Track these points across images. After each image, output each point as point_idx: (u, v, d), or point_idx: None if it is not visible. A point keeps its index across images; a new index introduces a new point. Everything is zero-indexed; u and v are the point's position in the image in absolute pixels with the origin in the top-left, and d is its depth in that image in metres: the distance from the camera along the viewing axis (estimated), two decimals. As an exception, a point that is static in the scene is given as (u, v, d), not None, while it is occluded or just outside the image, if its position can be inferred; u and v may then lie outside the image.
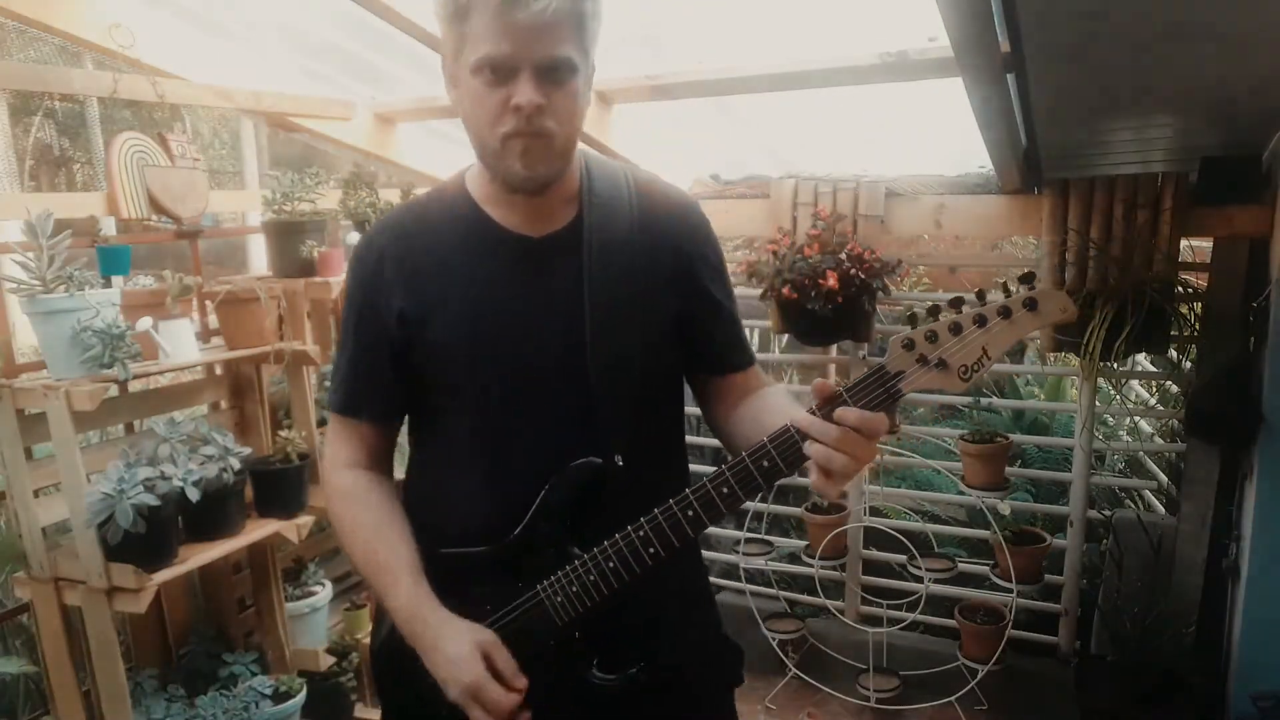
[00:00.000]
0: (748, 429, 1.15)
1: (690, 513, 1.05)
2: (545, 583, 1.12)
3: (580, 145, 1.17)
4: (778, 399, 1.20)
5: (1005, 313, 0.93)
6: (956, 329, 0.94)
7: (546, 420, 1.13)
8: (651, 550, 1.06)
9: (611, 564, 1.08)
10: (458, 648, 1.08)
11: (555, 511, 1.13)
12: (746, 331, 1.45)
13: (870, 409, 0.96)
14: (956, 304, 0.96)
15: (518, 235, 1.15)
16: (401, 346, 1.15)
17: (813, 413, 0.98)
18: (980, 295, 0.95)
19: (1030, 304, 0.92)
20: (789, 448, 0.99)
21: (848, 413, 0.94)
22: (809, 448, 0.96)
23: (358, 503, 1.21)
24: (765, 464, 1.00)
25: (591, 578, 1.09)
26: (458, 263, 1.14)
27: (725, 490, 1.03)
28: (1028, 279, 0.94)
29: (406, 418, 1.27)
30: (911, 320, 0.97)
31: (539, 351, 1.13)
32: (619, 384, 1.12)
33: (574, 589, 1.10)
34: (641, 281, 1.14)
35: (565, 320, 1.12)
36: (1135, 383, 3.38)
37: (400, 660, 1.18)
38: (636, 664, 1.13)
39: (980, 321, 0.94)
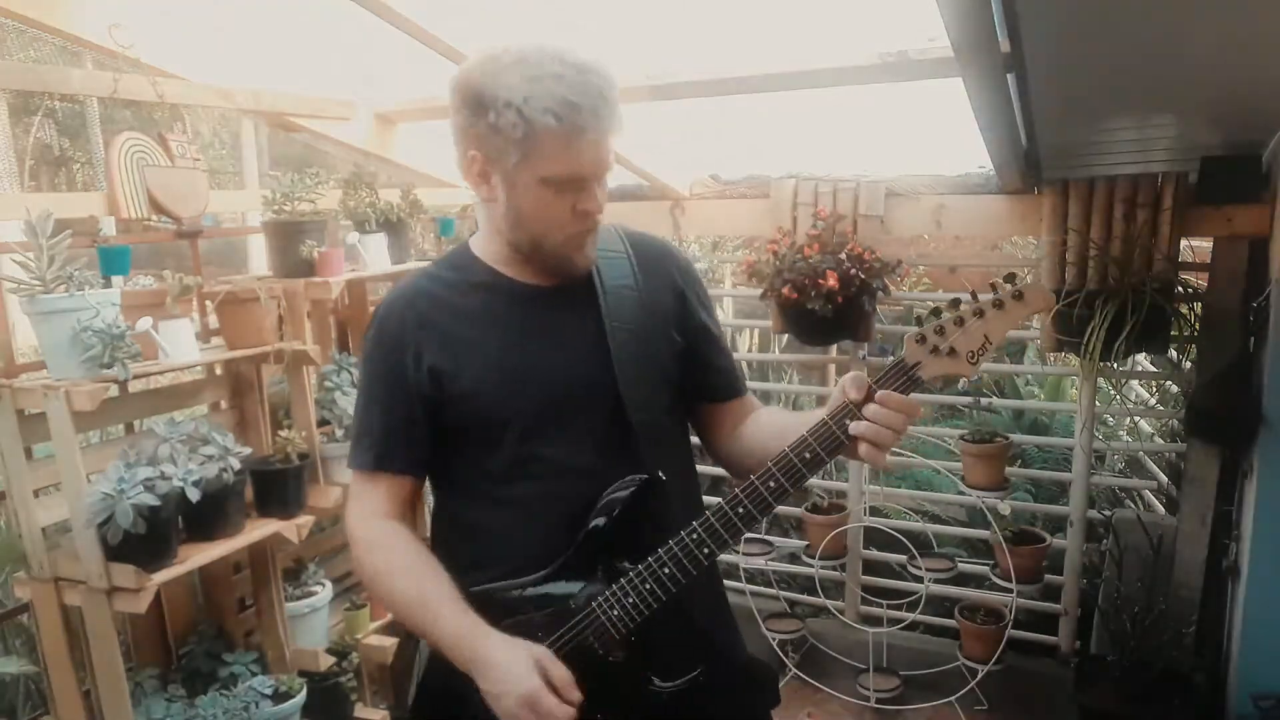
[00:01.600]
0: (765, 440, 1.24)
1: (741, 510, 1.12)
2: (599, 600, 1.16)
3: None
4: (782, 412, 1.33)
5: (999, 305, 1.10)
6: (960, 322, 1.10)
7: (586, 446, 1.20)
8: (706, 550, 1.14)
9: (667, 570, 1.14)
10: (511, 659, 1.10)
11: (604, 531, 1.17)
12: (746, 333, 1.51)
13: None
14: (954, 304, 1.11)
15: (535, 285, 1.24)
16: (433, 400, 1.21)
17: (851, 404, 1.10)
18: (974, 295, 1.11)
19: (1018, 295, 1.09)
20: (827, 438, 1.10)
21: (890, 395, 1.08)
22: (858, 427, 1.08)
23: (388, 547, 1.22)
24: (807, 455, 1.11)
25: (648, 586, 1.14)
26: (482, 314, 1.23)
27: (772, 484, 1.11)
28: (1010, 278, 1.11)
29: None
30: (918, 321, 1.12)
31: (570, 384, 1.21)
32: (649, 408, 1.22)
33: (630, 600, 1.14)
34: (650, 319, 1.25)
35: (592, 354, 1.21)
36: (1135, 383, 3.38)
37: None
38: (695, 669, 1.17)
39: (979, 314, 1.10)
